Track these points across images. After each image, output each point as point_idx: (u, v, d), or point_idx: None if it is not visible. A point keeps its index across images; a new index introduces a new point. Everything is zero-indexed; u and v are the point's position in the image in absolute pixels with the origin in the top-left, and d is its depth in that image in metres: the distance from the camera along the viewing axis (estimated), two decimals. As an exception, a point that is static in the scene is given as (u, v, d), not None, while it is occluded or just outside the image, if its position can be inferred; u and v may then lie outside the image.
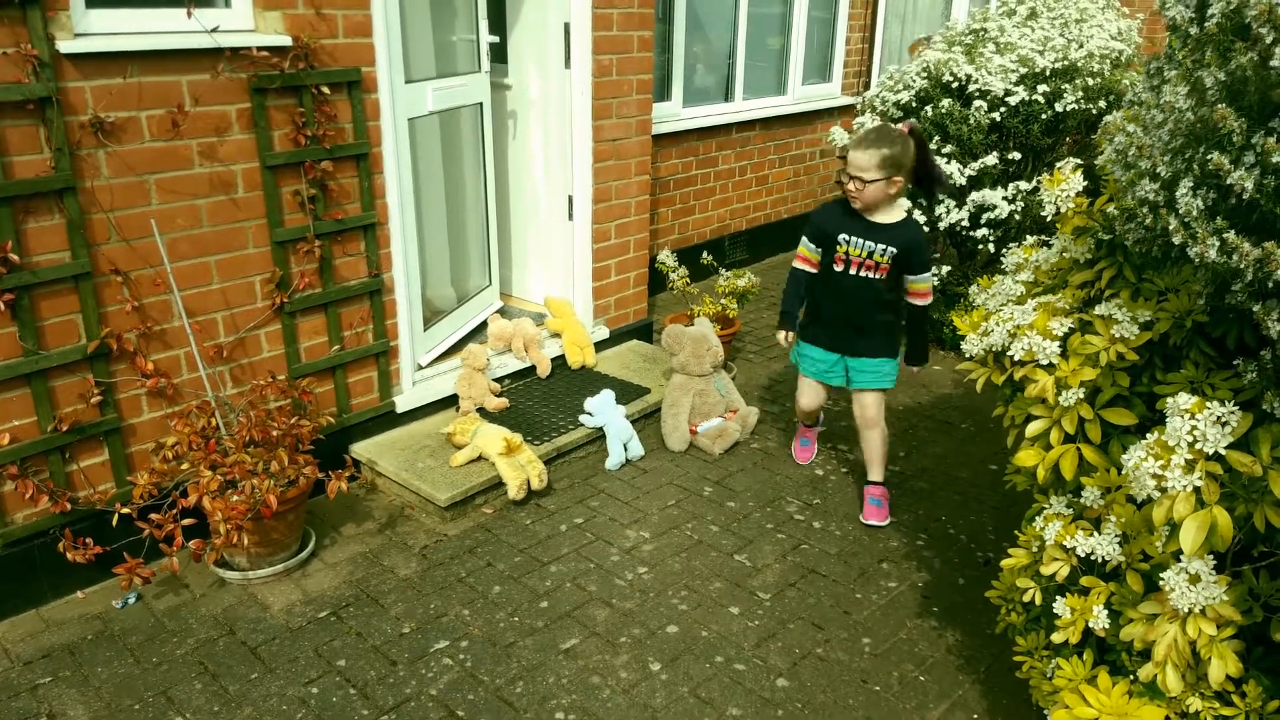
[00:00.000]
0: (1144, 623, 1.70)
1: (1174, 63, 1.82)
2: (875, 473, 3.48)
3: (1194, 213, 1.54)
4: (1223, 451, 1.54)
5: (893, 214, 3.16)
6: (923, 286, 3.24)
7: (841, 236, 3.18)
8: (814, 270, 3.31)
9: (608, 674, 2.61)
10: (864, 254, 3.17)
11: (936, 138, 4.62)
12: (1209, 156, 1.51)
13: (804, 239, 3.32)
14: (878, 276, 3.20)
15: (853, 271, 3.21)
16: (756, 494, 3.58)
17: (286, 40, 2.99)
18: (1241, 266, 1.46)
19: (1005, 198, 4.49)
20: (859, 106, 5.20)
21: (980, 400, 4.37)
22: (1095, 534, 1.85)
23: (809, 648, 2.74)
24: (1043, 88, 4.49)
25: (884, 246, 3.15)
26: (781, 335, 3.44)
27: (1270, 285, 1.47)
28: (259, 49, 2.92)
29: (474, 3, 4.00)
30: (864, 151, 3.00)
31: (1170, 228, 1.58)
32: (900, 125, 3.05)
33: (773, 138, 6.43)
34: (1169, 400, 1.62)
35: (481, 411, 3.86)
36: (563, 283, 4.57)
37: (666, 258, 4.66)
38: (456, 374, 3.94)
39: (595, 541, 3.25)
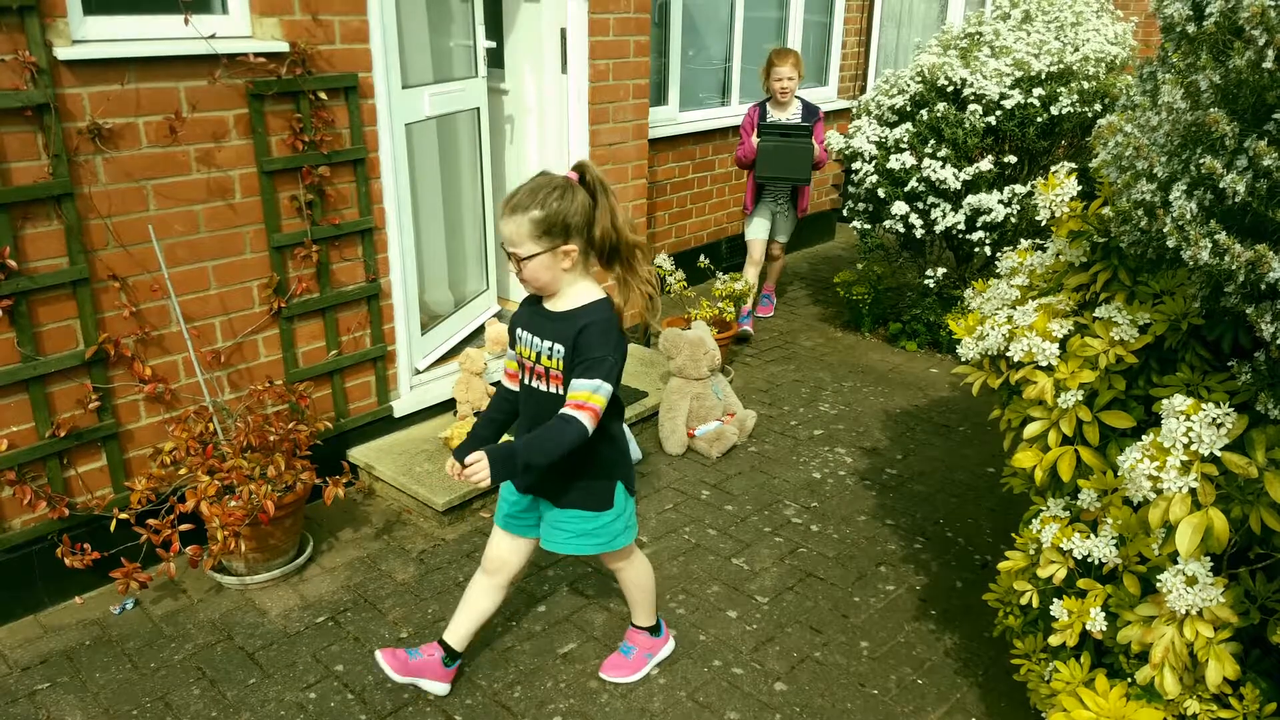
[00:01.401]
0: (1141, 625, 1.71)
1: (1168, 66, 1.83)
2: (639, 613, 2.60)
3: (1188, 215, 1.55)
4: (1218, 453, 1.55)
5: (575, 296, 2.23)
6: (579, 396, 2.14)
7: (518, 333, 2.32)
8: (512, 385, 2.40)
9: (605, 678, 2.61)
10: (534, 356, 2.27)
11: (932, 141, 4.64)
12: (1203, 160, 1.51)
13: (508, 349, 2.41)
14: (552, 390, 2.25)
15: (528, 381, 2.31)
16: (754, 497, 3.59)
17: (284, 46, 3.00)
18: (1234, 268, 1.47)
19: (1000, 201, 4.50)
20: (855, 110, 5.21)
21: (977, 403, 4.38)
22: (1092, 536, 1.86)
23: (807, 651, 2.74)
24: (1038, 91, 4.50)
25: (551, 345, 2.22)
26: (449, 465, 2.29)
27: (1263, 287, 1.47)
28: (256, 55, 2.92)
29: (471, 8, 4.00)
30: (511, 219, 2.13)
31: (1165, 229, 1.59)
32: (569, 172, 2.20)
33: (769, 142, 6.43)
34: (1164, 402, 1.62)
35: (479, 415, 3.85)
36: (560, 287, 4.57)
37: (663, 261, 4.66)
38: (454, 378, 3.94)
39: (593, 545, 3.25)
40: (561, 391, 2.23)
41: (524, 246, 2.16)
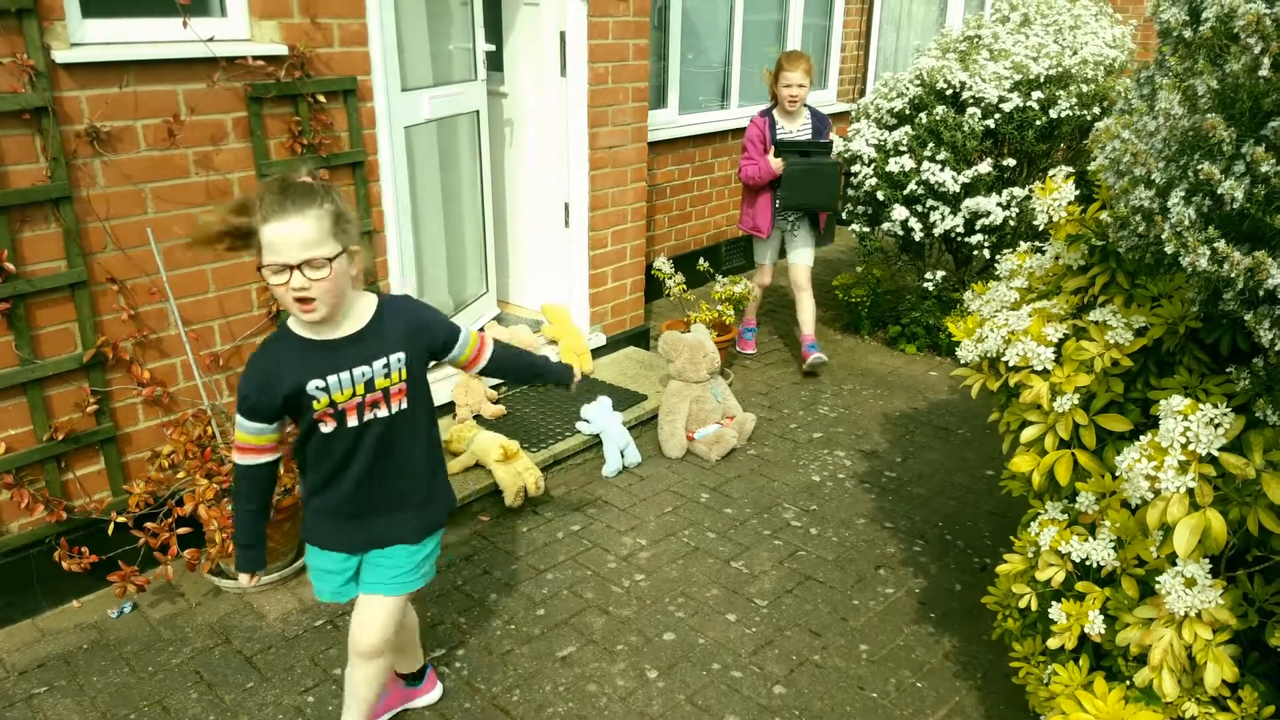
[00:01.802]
0: (1140, 627, 1.70)
1: (1165, 70, 1.83)
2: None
3: (1186, 221, 1.55)
4: (1216, 453, 1.55)
5: (363, 307, 1.99)
6: (469, 352, 2.16)
7: (314, 386, 1.92)
8: (269, 458, 2.04)
9: (605, 682, 2.61)
10: (361, 390, 1.96)
11: (931, 144, 4.64)
12: (1200, 165, 1.51)
13: (240, 420, 1.97)
14: (400, 408, 2.03)
15: (353, 423, 1.98)
16: (753, 500, 3.58)
17: (282, 49, 3.00)
18: (1232, 275, 1.47)
19: (999, 204, 4.51)
20: (854, 113, 5.22)
21: (976, 405, 4.38)
22: (1090, 539, 1.86)
23: (806, 654, 2.74)
24: (1037, 94, 4.50)
25: (386, 360, 1.97)
26: (247, 579, 2.14)
27: (1261, 294, 1.47)
28: (255, 58, 2.93)
29: (470, 11, 4.01)
30: (301, 216, 1.78)
31: (1163, 236, 1.59)
32: (304, 178, 1.87)
33: (768, 145, 6.44)
34: (1162, 403, 1.62)
35: (478, 419, 3.86)
36: (560, 290, 4.58)
37: (663, 264, 4.66)
38: (453, 381, 3.94)
39: (592, 549, 3.25)
40: (406, 405, 2.03)
41: (326, 246, 1.81)
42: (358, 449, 2.02)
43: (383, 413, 2.01)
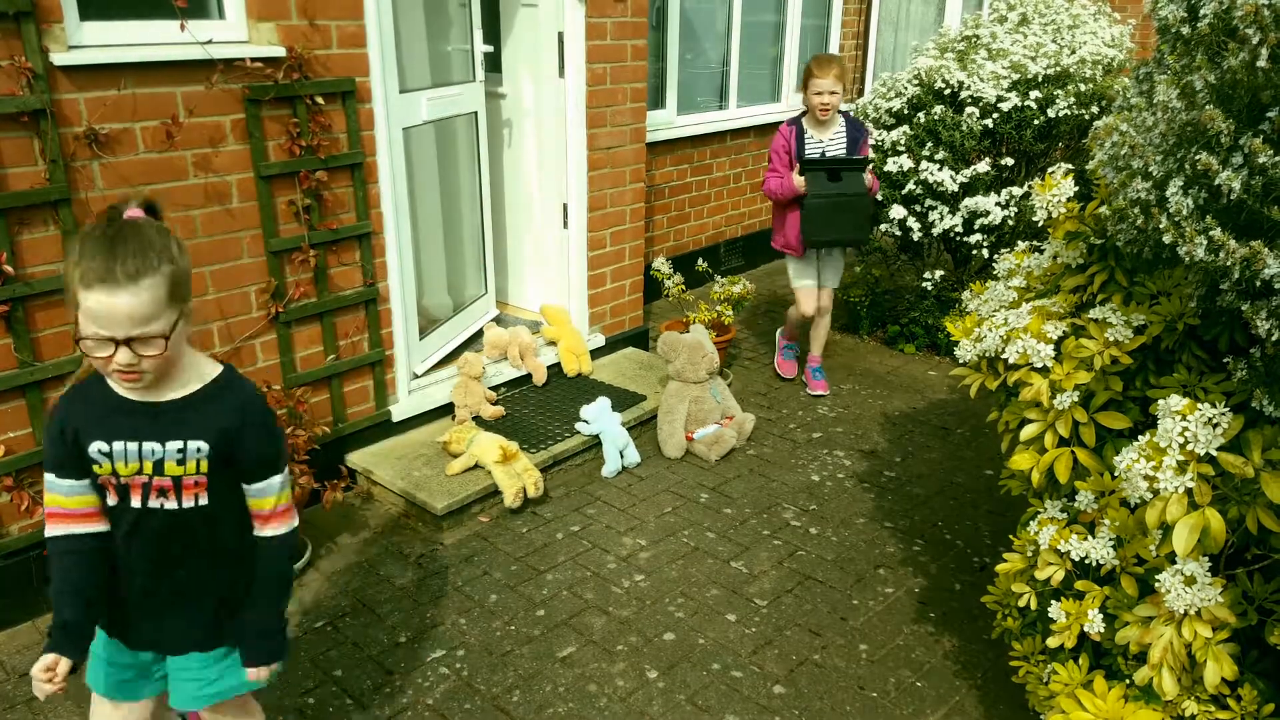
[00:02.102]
0: (1139, 626, 1.70)
1: (1163, 67, 1.83)
2: None
3: (1184, 212, 1.55)
4: (1214, 453, 1.55)
5: (193, 371, 1.67)
6: (269, 504, 1.74)
7: (95, 449, 1.62)
8: (92, 528, 1.68)
9: (605, 682, 2.61)
10: (149, 470, 1.64)
11: (929, 144, 4.64)
12: (1198, 157, 1.51)
13: (50, 480, 1.66)
14: (196, 504, 1.68)
15: (136, 504, 1.66)
16: (753, 500, 3.58)
17: (280, 51, 3.00)
18: (1229, 265, 1.47)
19: (998, 203, 4.51)
20: (852, 113, 5.22)
21: (975, 405, 4.38)
22: (1090, 538, 1.86)
23: (806, 654, 2.73)
24: (1035, 94, 4.51)
25: (182, 445, 1.64)
26: (42, 669, 1.61)
27: (1258, 284, 1.47)
28: (253, 60, 2.93)
29: (468, 12, 4.01)
30: (131, 288, 1.47)
31: (1161, 226, 1.59)
32: (132, 210, 1.60)
33: (767, 144, 6.40)
34: (1160, 402, 1.62)
35: (478, 420, 3.86)
36: (558, 291, 4.58)
37: (662, 265, 4.66)
38: (452, 382, 3.94)
39: (592, 549, 3.24)
40: (207, 502, 1.68)
41: (161, 320, 1.51)
42: (139, 534, 1.70)
43: (171, 504, 1.67)
